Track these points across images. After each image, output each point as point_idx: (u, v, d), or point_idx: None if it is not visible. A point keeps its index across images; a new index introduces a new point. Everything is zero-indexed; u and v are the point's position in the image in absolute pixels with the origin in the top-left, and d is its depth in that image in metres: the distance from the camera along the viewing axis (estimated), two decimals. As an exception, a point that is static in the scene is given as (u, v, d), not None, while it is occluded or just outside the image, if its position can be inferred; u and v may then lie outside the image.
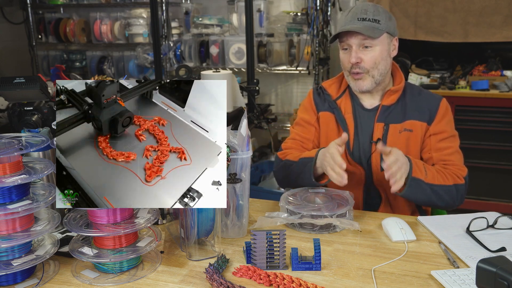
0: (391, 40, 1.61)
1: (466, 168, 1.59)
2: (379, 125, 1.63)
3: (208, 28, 3.91)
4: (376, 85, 1.61)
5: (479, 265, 0.90)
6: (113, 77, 4.23)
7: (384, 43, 1.57)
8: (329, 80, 1.78)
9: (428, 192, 1.49)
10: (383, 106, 1.64)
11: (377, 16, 1.55)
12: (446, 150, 1.60)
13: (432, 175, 1.50)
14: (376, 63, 1.57)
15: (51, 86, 1.94)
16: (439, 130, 1.61)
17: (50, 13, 4.42)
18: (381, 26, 1.55)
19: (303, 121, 1.76)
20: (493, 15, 3.23)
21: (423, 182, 1.47)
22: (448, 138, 1.61)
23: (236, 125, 1.36)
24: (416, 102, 1.64)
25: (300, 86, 4.15)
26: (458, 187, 1.53)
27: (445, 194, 1.51)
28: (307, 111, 1.76)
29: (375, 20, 1.55)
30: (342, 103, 1.70)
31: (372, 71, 1.58)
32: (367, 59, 1.56)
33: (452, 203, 1.54)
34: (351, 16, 1.57)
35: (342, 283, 1.13)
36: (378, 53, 1.56)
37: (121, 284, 1.15)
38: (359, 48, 1.56)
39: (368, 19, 1.54)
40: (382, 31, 1.55)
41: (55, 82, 1.40)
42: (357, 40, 1.56)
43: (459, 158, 1.61)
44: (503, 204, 3.26)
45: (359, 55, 1.56)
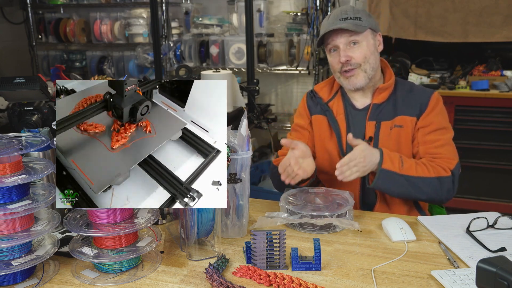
0: (375, 36, 1.64)
1: (456, 160, 1.58)
2: (370, 123, 1.64)
3: (208, 28, 3.91)
4: (368, 80, 1.62)
5: (479, 265, 0.90)
6: (113, 77, 4.23)
7: (369, 38, 1.61)
8: (321, 83, 1.80)
9: (403, 183, 1.51)
10: (374, 104, 1.65)
11: (357, 14, 1.59)
12: (434, 143, 1.60)
13: (409, 167, 1.52)
14: (366, 57, 1.59)
15: (51, 86, 1.94)
16: (427, 123, 1.62)
17: (50, 13, 4.42)
18: (363, 23, 1.59)
19: (298, 126, 1.80)
20: (493, 15, 3.23)
21: (395, 173, 1.51)
22: (437, 131, 1.61)
23: (236, 125, 1.36)
24: (407, 98, 1.65)
25: (300, 86, 4.15)
26: (442, 179, 1.53)
27: (426, 186, 1.52)
28: (301, 116, 1.80)
29: (356, 18, 1.58)
30: (334, 105, 1.72)
31: (364, 65, 1.60)
32: (357, 55, 1.59)
33: (437, 196, 1.55)
34: (333, 18, 1.61)
35: (342, 283, 1.13)
36: (366, 48, 1.59)
37: (121, 284, 1.15)
38: (347, 47, 1.59)
39: (349, 17, 1.58)
40: (366, 26, 1.59)
41: (55, 82, 1.41)
42: (343, 39, 1.58)
43: (449, 150, 1.60)
44: (503, 204, 3.26)
45: (347, 53, 1.59)
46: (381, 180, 1.51)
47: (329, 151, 1.69)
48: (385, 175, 1.51)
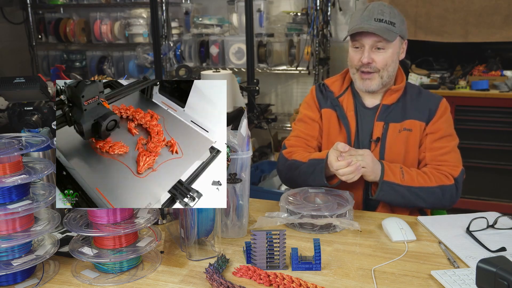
0: (401, 44, 1.63)
1: (460, 167, 1.59)
2: (379, 124, 1.63)
3: (208, 28, 3.91)
4: (382, 86, 1.62)
5: (479, 265, 0.90)
6: (113, 77, 4.23)
7: (396, 46, 1.59)
8: (332, 77, 1.78)
9: (405, 194, 1.52)
10: (383, 105, 1.64)
11: (393, 19, 1.56)
12: (440, 150, 1.60)
13: (410, 178, 1.53)
14: (387, 65, 1.58)
15: (51, 86, 1.94)
16: (435, 130, 1.62)
17: (50, 13, 4.42)
18: (396, 29, 1.56)
19: (307, 117, 1.76)
20: (493, 15, 3.23)
21: (397, 185, 1.51)
22: (443, 138, 1.62)
23: (236, 125, 1.36)
24: (417, 102, 1.64)
25: (300, 86, 4.15)
26: (444, 188, 1.53)
27: (427, 195, 1.53)
28: (311, 107, 1.76)
29: (391, 23, 1.55)
30: (344, 100, 1.70)
31: (382, 72, 1.59)
32: (379, 60, 1.57)
33: (439, 204, 1.56)
34: (368, 15, 1.56)
35: (342, 283, 1.13)
36: (390, 55, 1.58)
37: (121, 284, 1.15)
38: (372, 49, 1.57)
39: (385, 20, 1.54)
40: (397, 34, 1.56)
41: (55, 82, 1.40)
42: (371, 41, 1.56)
43: (454, 157, 1.61)
44: (503, 204, 3.26)
45: (371, 55, 1.57)
46: (383, 192, 1.52)
47: None
48: (387, 187, 1.51)
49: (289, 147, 1.72)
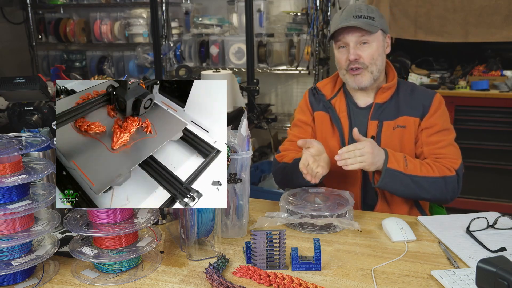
0: (384, 37, 1.64)
1: (460, 160, 1.59)
2: (373, 122, 1.64)
3: (208, 28, 3.91)
4: (373, 81, 1.63)
5: (479, 265, 0.90)
6: (113, 77, 4.23)
7: (379, 39, 1.60)
8: (324, 80, 1.80)
9: (408, 183, 1.51)
10: (376, 104, 1.65)
11: (371, 14, 1.59)
12: (437, 143, 1.61)
13: (414, 167, 1.52)
14: (374, 58, 1.59)
15: (51, 86, 1.94)
16: (430, 124, 1.62)
17: (50, 13, 4.42)
18: (376, 23, 1.58)
19: (300, 121, 1.79)
20: (493, 15, 3.23)
21: (401, 173, 1.50)
22: (440, 132, 1.62)
23: (236, 125, 1.36)
24: (410, 99, 1.65)
25: (300, 86, 4.15)
26: (447, 179, 1.53)
27: (430, 186, 1.52)
28: (303, 112, 1.79)
29: (370, 17, 1.58)
30: (337, 102, 1.72)
31: (371, 67, 1.60)
32: (365, 55, 1.58)
33: (441, 196, 1.55)
34: (346, 14, 1.59)
35: (342, 283, 1.13)
36: (375, 49, 1.59)
37: (121, 284, 1.15)
38: (357, 45, 1.59)
39: (363, 16, 1.57)
40: (377, 27, 1.58)
41: (55, 82, 1.40)
42: (354, 37, 1.58)
43: (453, 151, 1.61)
44: (503, 204, 3.26)
45: (357, 52, 1.58)
46: (386, 179, 1.50)
47: (331, 148, 1.68)
48: (390, 174, 1.50)
49: (282, 151, 1.75)
